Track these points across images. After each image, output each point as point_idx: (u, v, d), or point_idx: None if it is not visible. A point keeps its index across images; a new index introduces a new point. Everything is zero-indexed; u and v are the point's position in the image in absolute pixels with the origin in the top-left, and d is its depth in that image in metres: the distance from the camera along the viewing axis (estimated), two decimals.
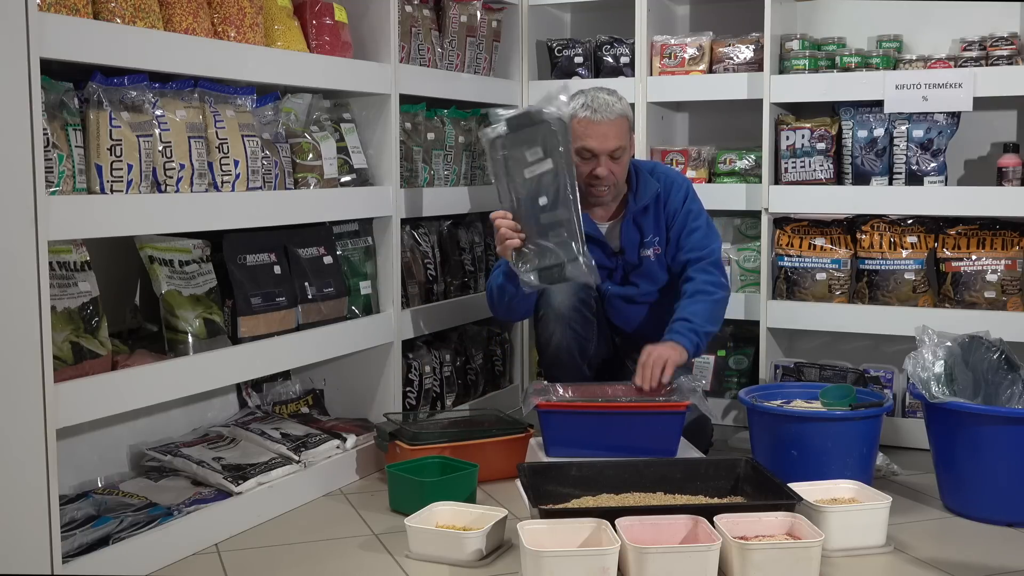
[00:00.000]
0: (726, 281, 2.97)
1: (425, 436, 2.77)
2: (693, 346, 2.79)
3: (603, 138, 2.87)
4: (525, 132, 2.71)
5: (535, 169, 2.71)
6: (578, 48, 3.68)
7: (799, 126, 3.33)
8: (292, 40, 2.72)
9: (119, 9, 2.21)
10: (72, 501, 2.29)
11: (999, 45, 3.15)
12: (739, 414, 3.46)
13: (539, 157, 2.70)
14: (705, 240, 2.96)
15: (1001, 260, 3.11)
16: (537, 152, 2.70)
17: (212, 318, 2.52)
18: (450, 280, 3.45)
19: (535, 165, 2.71)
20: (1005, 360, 2.65)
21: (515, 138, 2.72)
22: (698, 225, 2.98)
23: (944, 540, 2.45)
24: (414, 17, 3.24)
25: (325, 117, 2.94)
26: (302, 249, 2.85)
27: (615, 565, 2.08)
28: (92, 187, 2.18)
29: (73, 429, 2.27)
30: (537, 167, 2.70)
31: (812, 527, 2.20)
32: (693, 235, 2.96)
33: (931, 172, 3.18)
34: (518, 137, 2.71)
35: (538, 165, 2.70)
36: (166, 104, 2.35)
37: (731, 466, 2.55)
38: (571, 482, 2.47)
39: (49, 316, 1.97)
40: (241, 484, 2.49)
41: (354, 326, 2.94)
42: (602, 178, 2.90)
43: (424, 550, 2.30)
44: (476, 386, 3.58)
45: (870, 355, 3.44)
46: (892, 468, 2.90)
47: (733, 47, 3.48)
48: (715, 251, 2.97)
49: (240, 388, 2.98)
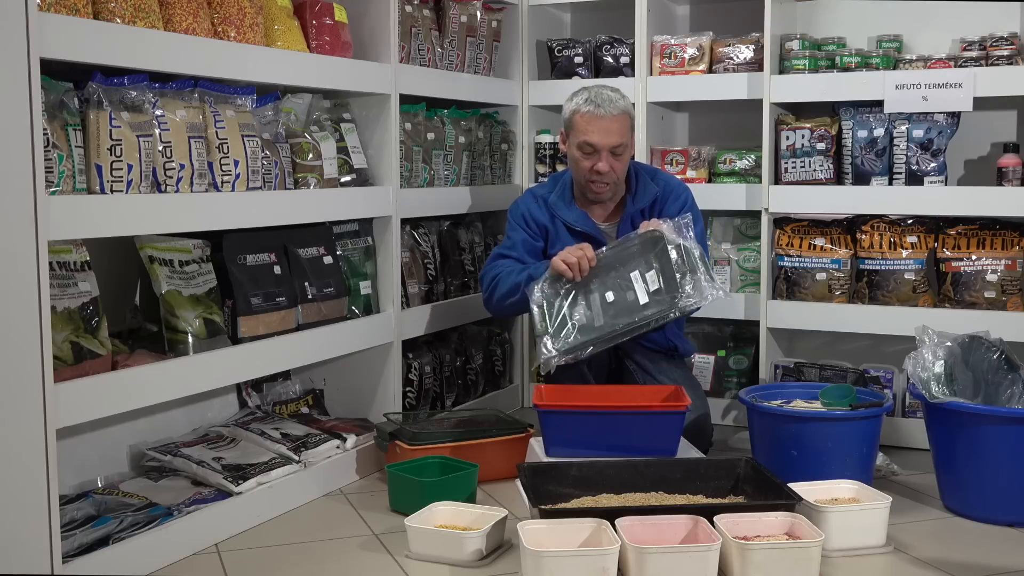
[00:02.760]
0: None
1: (425, 436, 2.77)
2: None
3: (605, 133, 2.87)
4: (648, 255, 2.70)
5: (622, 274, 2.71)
6: (578, 48, 3.68)
7: (799, 126, 3.33)
8: (292, 40, 2.72)
9: (119, 9, 2.21)
10: (72, 501, 2.29)
11: (999, 45, 3.14)
12: (739, 414, 3.46)
13: (628, 278, 2.70)
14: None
15: (1001, 260, 3.11)
16: (636, 271, 2.70)
17: (212, 318, 2.52)
18: (450, 280, 3.45)
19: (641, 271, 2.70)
20: (1005, 360, 2.65)
21: (640, 250, 2.72)
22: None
23: (944, 540, 2.45)
24: (414, 17, 3.24)
25: (325, 117, 2.94)
26: (302, 249, 2.85)
27: (615, 565, 2.08)
28: (92, 187, 2.18)
29: (73, 429, 2.27)
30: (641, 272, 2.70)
31: (812, 527, 2.20)
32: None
33: (931, 172, 3.18)
34: (641, 251, 2.71)
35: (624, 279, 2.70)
36: (166, 104, 2.35)
37: (731, 466, 2.55)
38: (571, 482, 2.47)
39: (49, 316, 1.97)
40: (241, 484, 2.49)
41: (354, 326, 2.94)
42: (603, 173, 2.90)
43: (424, 550, 2.30)
44: (476, 386, 3.58)
45: (870, 355, 3.44)
46: (892, 468, 2.90)
47: (733, 47, 3.48)
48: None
49: (240, 388, 2.98)
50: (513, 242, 3.02)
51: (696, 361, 3.52)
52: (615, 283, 2.72)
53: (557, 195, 3.04)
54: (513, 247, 3.00)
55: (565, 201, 3.03)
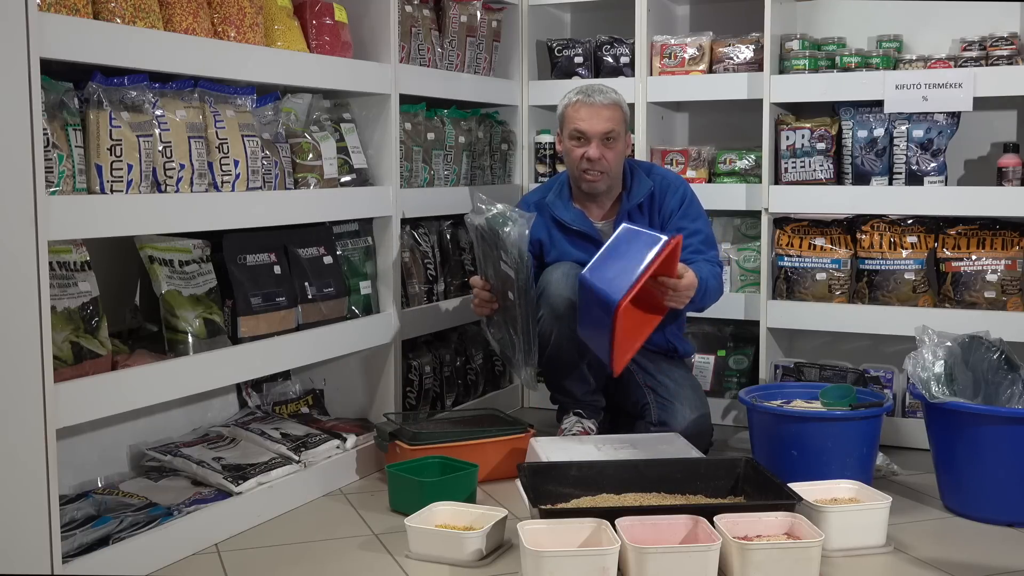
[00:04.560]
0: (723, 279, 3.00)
1: (425, 436, 2.77)
2: (701, 293, 2.76)
3: (595, 119, 2.87)
4: (498, 236, 2.79)
5: (505, 269, 2.81)
6: (578, 48, 3.68)
7: (799, 126, 3.33)
8: (292, 40, 2.72)
9: (119, 9, 2.21)
10: (72, 501, 2.29)
11: (999, 45, 3.14)
12: (739, 414, 3.46)
13: (507, 263, 2.79)
14: (704, 245, 2.96)
15: (1001, 260, 3.11)
16: (505, 257, 2.79)
17: (212, 318, 2.52)
18: (450, 280, 3.45)
19: (505, 266, 2.81)
20: (1005, 360, 2.65)
21: (491, 234, 2.81)
22: (698, 228, 2.97)
23: (944, 540, 2.45)
24: (414, 17, 3.24)
25: (325, 117, 2.94)
26: (302, 249, 2.85)
27: (615, 565, 2.08)
28: (92, 187, 2.18)
29: (73, 429, 2.27)
30: (506, 268, 2.80)
31: (812, 527, 2.20)
32: (694, 237, 2.95)
33: (931, 172, 3.18)
34: (494, 234, 2.80)
35: (507, 267, 2.80)
36: (166, 104, 2.35)
37: (731, 466, 2.55)
38: (571, 482, 2.47)
39: (49, 316, 1.97)
40: (241, 484, 2.49)
41: (354, 326, 2.94)
42: (594, 160, 2.89)
43: (424, 550, 2.30)
44: (476, 386, 3.58)
45: (870, 355, 3.44)
46: (892, 468, 2.90)
47: (733, 47, 3.48)
48: (715, 256, 2.99)
49: (240, 388, 2.98)
50: None
51: (696, 361, 3.52)
52: (502, 281, 2.84)
53: (555, 194, 3.04)
54: None
55: (563, 200, 3.03)
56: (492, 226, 2.79)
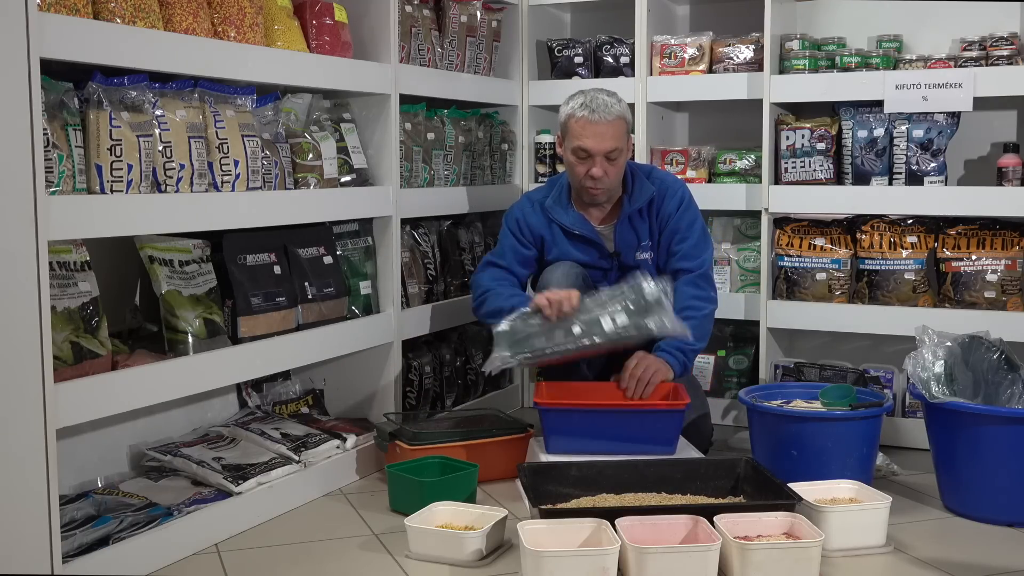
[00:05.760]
0: (715, 294, 2.97)
1: (425, 436, 2.77)
2: (680, 366, 2.82)
3: (600, 138, 2.87)
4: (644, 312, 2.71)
5: (612, 324, 2.71)
6: (578, 48, 3.68)
7: (799, 126, 3.33)
8: (292, 40, 2.72)
9: (119, 9, 2.21)
10: (72, 501, 2.29)
11: (999, 45, 3.14)
12: (739, 414, 3.46)
13: (617, 325, 2.71)
14: (696, 250, 2.95)
15: (1001, 260, 3.11)
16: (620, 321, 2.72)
17: (212, 318, 2.52)
18: (450, 280, 3.45)
19: (612, 322, 2.71)
20: (1005, 360, 2.65)
21: (642, 307, 2.72)
22: (691, 234, 2.96)
23: (944, 540, 2.45)
24: (414, 17, 3.24)
25: (325, 117, 2.94)
26: (302, 249, 2.85)
27: (615, 565, 2.08)
28: (92, 187, 2.18)
29: (73, 429, 2.27)
30: (611, 324, 2.71)
31: (812, 527, 2.20)
32: (685, 243, 2.95)
33: (931, 172, 3.18)
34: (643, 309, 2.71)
35: (612, 325, 2.71)
36: (166, 104, 2.35)
37: (731, 466, 2.55)
38: (571, 482, 2.47)
39: (49, 316, 1.97)
40: (241, 484, 2.49)
41: (354, 326, 2.94)
42: (597, 179, 2.89)
43: (424, 550, 2.30)
44: (476, 386, 3.58)
45: (870, 355, 3.44)
46: (892, 468, 2.90)
47: (733, 47, 3.48)
48: (706, 262, 2.97)
49: (240, 388, 2.98)
50: (503, 249, 3.03)
51: (697, 361, 3.51)
52: (584, 321, 2.72)
53: (554, 199, 3.04)
54: (502, 255, 3.02)
55: (562, 205, 3.03)
56: (648, 304, 2.71)
